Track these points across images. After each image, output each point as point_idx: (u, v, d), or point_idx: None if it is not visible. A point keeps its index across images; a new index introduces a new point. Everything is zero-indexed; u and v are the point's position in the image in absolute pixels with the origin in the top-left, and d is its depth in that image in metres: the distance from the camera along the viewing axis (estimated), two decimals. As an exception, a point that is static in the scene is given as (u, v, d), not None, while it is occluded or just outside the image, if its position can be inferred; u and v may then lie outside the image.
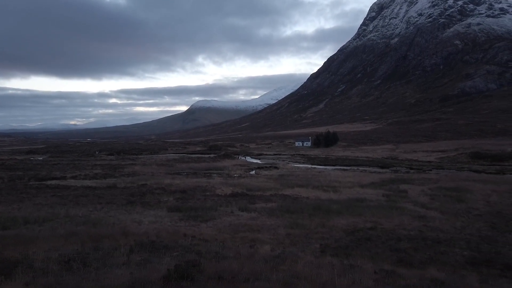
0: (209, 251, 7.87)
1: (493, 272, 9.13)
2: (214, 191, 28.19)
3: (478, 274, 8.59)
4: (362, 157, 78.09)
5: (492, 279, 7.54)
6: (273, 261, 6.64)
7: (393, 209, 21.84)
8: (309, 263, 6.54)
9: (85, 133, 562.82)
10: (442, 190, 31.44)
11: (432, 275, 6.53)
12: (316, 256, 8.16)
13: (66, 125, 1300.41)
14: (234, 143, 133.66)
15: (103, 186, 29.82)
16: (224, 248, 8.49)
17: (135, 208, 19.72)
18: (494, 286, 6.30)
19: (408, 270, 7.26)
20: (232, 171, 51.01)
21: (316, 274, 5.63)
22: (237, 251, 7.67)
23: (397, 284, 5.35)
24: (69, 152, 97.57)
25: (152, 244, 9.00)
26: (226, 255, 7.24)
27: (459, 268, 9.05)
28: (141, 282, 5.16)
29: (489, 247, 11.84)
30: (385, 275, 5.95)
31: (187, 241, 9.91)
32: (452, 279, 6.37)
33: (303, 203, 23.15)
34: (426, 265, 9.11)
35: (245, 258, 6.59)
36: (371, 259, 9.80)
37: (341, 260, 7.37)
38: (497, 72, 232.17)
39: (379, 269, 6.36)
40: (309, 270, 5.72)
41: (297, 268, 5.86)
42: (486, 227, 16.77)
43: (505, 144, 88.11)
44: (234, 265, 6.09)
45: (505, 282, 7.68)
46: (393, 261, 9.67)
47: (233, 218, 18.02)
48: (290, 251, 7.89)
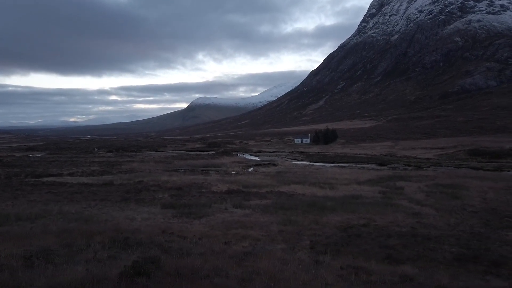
0: (181, 247, 7.84)
1: (480, 268, 9.11)
2: (210, 188, 28.17)
3: (465, 270, 8.58)
4: (360, 154, 78.05)
5: (463, 275, 7.52)
6: (240, 257, 6.62)
7: (388, 206, 21.83)
8: (278, 259, 6.51)
9: (85, 130, 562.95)
10: (438, 187, 31.42)
11: (403, 271, 6.50)
12: (287, 252, 8.13)
13: (66, 122, 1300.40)
14: (233, 140, 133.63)
15: (99, 183, 29.81)
16: (197, 244, 8.46)
17: (129, 205, 19.71)
18: (464, 282, 6.27)
19: (380, 266, 7.24)
20: (230, 168, 50.99)
21: (279, 270, 5.60)
22: (210, 248, 7.65)
23: (361, 280, 5.32)
24: (68, 149, 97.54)
25: (126, 241, 8.98)
26: (196, 252, 7.21)
27: (445, 265, 9.03)
28: (97, 278, 5.14)
29: (479, 243, 11.82)
30: (351, 271, 5.92)
31: (164, 237, 9.87)
32: (422, 275, 6.34)
33: (298, 200, 23.14)
34: (413, 262, 9.09)
35: (212, 254, 6.56)
36: (359, 255, 9.79)
37: (311, 256, 7.32)
38: (497, 69, 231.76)
39: (346, 265, 6.33)
40: (273, 266, 5.69)
41: (261, 264, 5.83)
42: (479, 224, 16.75)
43: (504, 141, 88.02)
44: (198, 261, 6.06)
45: (477, 278, 7.63)
46: (381, 257, 9.65)
47: (227, 215, 18.00)
48: (263, 247, 7.85)
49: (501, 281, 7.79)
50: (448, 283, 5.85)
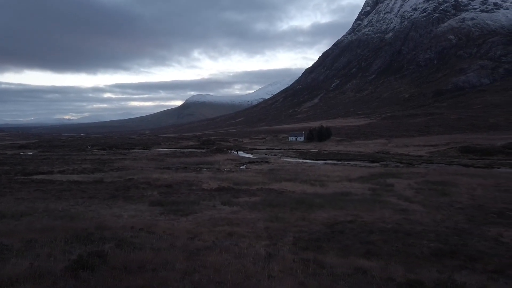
0: (143, 242, 7.85)
1: (456, 263, 9.22)
2: (201, 185, 28.15)
3: (441, 265, 8.67)
4: (354, 152, 78.33)
5: (419, 268, 7.60)
6: (195, 252, 6.64)
7: (376, 203, 21.97)
8: (234, 253, 6.55)
9: (79, 128, 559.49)
10: (428, 184, 31.65)
11: (359, 264, 6.57)
12: (247, 247, 8.15)
13: (60, 119, 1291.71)
14: (228, 138, 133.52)
15: (90, 181, 29.69)
16: (161, 240, 8.47)
17: (117, 203, 19.66)
18: (418, 275, 6.35)
19: (337, 259, 7.31)
20: (223, 165, 50.95)
21: (228, 263, 5.65)
22: (172, 243, 7.67)
23: (307, 272, 5.37)
24: (61, 147, 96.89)
25: (88, 236, 8.99)
26: (156, 247, 7.22)
27: (422, 260, 9.14)
28: (39, 272, 5.14)
29: (458, 239, 11.95)
30: (302, 263, 5.98)
31: (131, 233, 9.87)
32: (377, 268, 6.41)
33: (287, 197, 23.21)
34: (391, 257, 9.18)
35: (170, 249, 6.59)
36: (340, 251, 9.86)
37: (267, 250, 7.36)
38: (491, 67, 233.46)
39: (300, 258, 6.39)
40: (224, 260, 5.74)
41: (211, 258, 5.87)
42: (464, 220, 16.92)
43: (496, 138, 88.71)
44: (149, 256, 6.09)
45: (433, 271, 7.63)
46: (361, 253, 9.74)
47: (214, 212, 18.02)
48: (227, 242, 7.87)
49: (476, 276, 7.87)
50: (401, 275, 5.92)
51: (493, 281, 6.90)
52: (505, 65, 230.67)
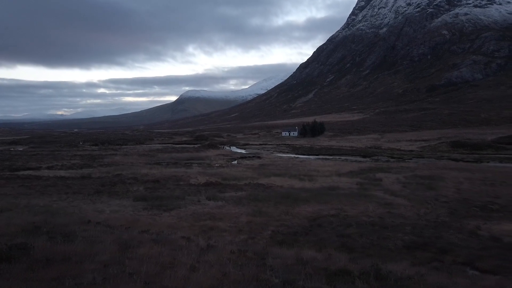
0: (86, 236, 7.78)
1: (427, 255, 9.28)
2: (188, 180, 28.08)
3: (412, 257, 8.73)
4: (346, 147, 78.54)
5: (360, 258, 7.62)
6: (130, 244, 6.61)
7: (362, 197, 22.06)
8: (174, 246, 6.52)
9: (72, 124, 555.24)
10: (416, 178, 31.84)
11: (304, 255, 6.57)
12: (185, 238, 8.09)
13: (53, 115, 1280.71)
14: (221, 133, 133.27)
15: (77, 176, 29.48)
16: (111, 234, 8.40)
17: (101, 198, 19.54)
18: (360, 264, 6.38)
19: (282, 250, 7.31)
20: (214, 161, 50.87)
21: (159, 254, 5.62)
22: (119, 236, 7.63)
23: (239, 263, 5.34)
24: (53, 143, 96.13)
25: (36, 230, 8.92)
26: (100, 240, 7.17)
27: (395, 252, 9.17)
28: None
29: (434, 232, 12.03)
30: (239, 255, 5.97)
31: (83, 227, 9.79)
32: (320, 258, 6.42)
33: (274, 192, 23.22)
34: (366, 250, 9.22)
35: (111, 243, 6.55)
36: (315, 244, 9.87)
37: (208, 242, 7.33)
38: (483, 62, 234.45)
39: (237, 250, 6.38)
40: (157, 253, 5.71)
41: (142, 251, 5.83)
42: (446, 213, 17.03)
43: (487, 133, 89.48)
44: (80, 248, 6.05)
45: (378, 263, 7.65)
46: (335, 246, 9.76)
47: (199, 207, 17.98)
48: (168, 235, 7.84)
49: (446, 267, 7.93)
50: (341, 266, 5.93)
51: (435, 270, 6.93)
52: (497, 60, 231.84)
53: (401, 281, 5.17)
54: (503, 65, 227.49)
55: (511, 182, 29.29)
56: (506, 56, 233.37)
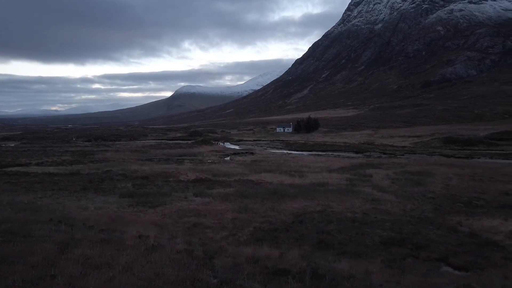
0: (40, 235, 7.70)
1: (403, 251, 9.31)
2: (178, 177, 27.99)
3: (387, 253, 8.74)
4: (339, 143, 78.70)
5: (315, 254, 7.62)
6: (71, 244, 6.53)
7: (350, 193, 22.10)
8: (119, 245, 6.47)
9: (66, 119, 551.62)
10: (406, 174, 31.95)
11: (257, 253, 6.55)
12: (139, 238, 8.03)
13: (47, 111, 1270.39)
14: (216, 129, 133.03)
15: (66, 173, 29.28)
16: (57, 232, 8.29)
17: (87, 194, 19.42)
18: (313, 260, 6.37)
19: (240, 248, 7.28)
20: (206, 157, 50.77)
21: (99, 255, 5.56)
22: (71, 236, 7.57)
23: (178, 263, 5.29)
24: (45, 139, 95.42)
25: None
26: (51, 239, 7.10)
27: (371, 248, 9.18)
28: None
29: (413, 228, 12.08)
30: (185, 254, 5.93)
31: (45, 226, 9.70)
32: (274, 256, 6.40)
33: (262, 188, 23.20)
34: (343, 246, 9.22)
35: (42, 242, 6.46)
36: (295, 241, 9.86)
37: (157, 241, 7.28)
38: (477, 58, 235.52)
39: (184, 249, 6.33)
40: (93, 253, 5.65)
41: (80, 251, 5.77)
42: (431, 209, 17.11)
43: (480, 129, 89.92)
44: (18, 248, 5.96)
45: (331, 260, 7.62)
46: (314, 242, 9.76)
47: (185, 204, 17.92)
48: (121, 235, 7.79)
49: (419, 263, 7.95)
50: (294, 263, 5.91)
51: (389, 268, 6.93)
52: (491, 57, 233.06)
53: (337, 280, 5.17)
54: (497, 61, 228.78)
55: (499, 178, 29.47)
56: (500, 52, 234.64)
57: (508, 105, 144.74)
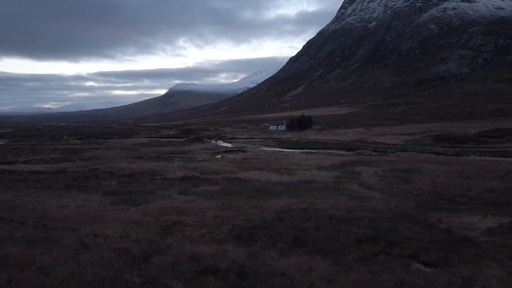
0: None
1: (376, 248, 9.29)
2: (166, 175, 27.82)
3: (360, 250, 8.70)
4: (332, 140, 78.87)
5: (263, 252, 7.54)
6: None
7: (336, 190, 22.08)
8: (51, 244, 6.35)
9: (59, 117, 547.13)
10: (394, 171, 32.02)
11: (202, 252, 6.46)
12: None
13: (40, 108, 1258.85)
14: (209, 127, 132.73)
15: (52, 171, 28.98)
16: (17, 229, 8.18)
17: (70, 193, 19.21)
18: (257, 259, 6.30)
19: (182, 248, 7.19)
20: (198, 155, 50.58)
21: (23, 254, 5.42)
22: (12, 234, 7.44)
23: (103, 263, 5.18)
24: (36, 137, 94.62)
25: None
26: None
27: (345, 246, 9.13)
28: None
29: (390, 225, 12.06)
30: (118, 253, 5.83)
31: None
32: (216, 255, 6.32)
33: (249, 186, 23.11)
34: (318, 243, 9.17)
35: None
36: (271, 238, 9.79)
37: (87, 240, 7.14)
38: (470, 56, 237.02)
39: (117, 248, 6.23)
40: (19, 253, 5.51)
41: (8, 250, 5.64)
42: (414, 206, 17.14)
43: (471, 126, 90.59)
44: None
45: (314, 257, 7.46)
46: (290, 240, 9.71)
47: (168, 201, 17.78)
48: (61, 233, 7.66)
49: (391, 260, 7.91)
50: (234, 261, 5.81)
51: (336, 265, 6.86)
52: (484, 55, 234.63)
53: (264, 278, 5.09)
54: (489, 60, 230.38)
55: (486, 175, 29.65)
56: (492, 51, 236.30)
57: (500, 103, 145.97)
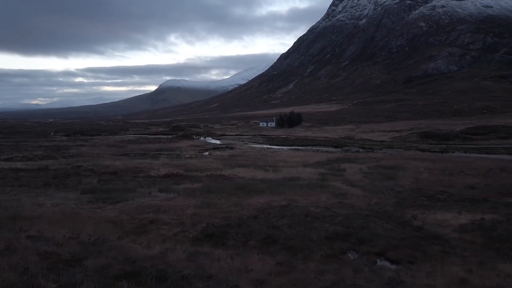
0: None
1: (345, 245, 9.29)
2: (149, 172, 27.55)
3: (329, 247, 8.68)
4: (320, 137, 79.14)
5: (205, 252, 7.46)
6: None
7: (319, 187, 22.10)
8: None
9: (47, 114, 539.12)
10: (379, 168, 32.23)
11: (137, 254, 6.38)
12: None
13: (28, 105, 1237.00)
14: (199, 124, 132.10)
15: (33, 168, 28.48)
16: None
17: (48, 191, 18.89)
18: (195, 261, 6.26)
19: (131, 247, 7.12)
20: (185, 152, 50.30)
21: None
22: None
23: (23, 266, 5.07)
24: (22, 133, 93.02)
25: None
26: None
27: (315, 243, 9.10)
28: None
29: (363, 222, 12.09)
30: (44, 257, 5.72)
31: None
32: (156, 257, 6.25)
33: (232, 183, 23.00)
34: (288, 241, 9.13)
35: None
36: (244, 236, 9.71)
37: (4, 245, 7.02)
38: (459, 54, 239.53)
39: (43, 251, 6.12)
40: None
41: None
42: (394, 203, 17.22)
43: (458, 123, 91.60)
44: None
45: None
46: (261, 238, 9.65)
47: (147, 199, 17.59)
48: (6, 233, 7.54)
49: (358, 257, 7.90)
50: (181, 257, 5.74)
51: (279, 266, 6.82)
52: (472, 53, 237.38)
53: (186, 282, 5.01)
54: (477, 57, 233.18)
55: (468, 171, 30.00)
56: (480, 49, 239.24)
57: (487, 100, 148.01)
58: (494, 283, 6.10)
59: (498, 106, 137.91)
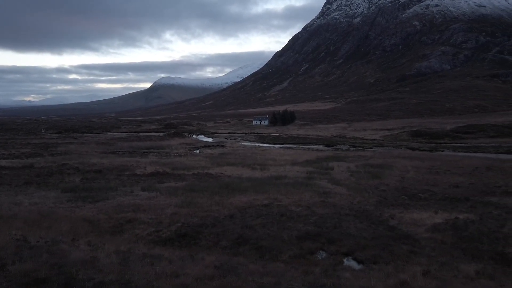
0: None
1: (314, 245, 9.27)
2: (135, 170, 27.37)
3: (298, 247, 8.61)
4: (312, 136, 79.20)
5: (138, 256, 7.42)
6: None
7: (304, 186, 22.07)
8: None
9: (40, 111, 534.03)
10: (366, 167, 32.29)
11: (94, 255, 6.32)
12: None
13: (20, 101, 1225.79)
14: (192, 122, 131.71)
15: (18, 166, 28.18)
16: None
17: (28, 189, 18.67)
18: (127, 265, 6.20)
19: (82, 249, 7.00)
20: (175, 150, 50.07)
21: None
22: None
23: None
24: (13, 130, 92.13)
25: None
26: None
27: (285, 243, 9.06)
28: None
29: (336, 221, 12.08)
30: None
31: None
32: (88, 261, 6.18)
33: (217, 182, 22.91)
34: (259, 241, 9.08)
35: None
36: (216, 236, 9.64)
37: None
38: (452, 53, 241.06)
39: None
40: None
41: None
42: (375, 202, 17.24)
43: (449, 122, 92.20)
44: None
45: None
46: (233, 238, 9.59)
47: (128, 198, 17.44)
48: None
49: (326, 257, 7.86)
50: (114, 261, 5.67)
51: (217, 270, 6.75)
52: (465, 52, 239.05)
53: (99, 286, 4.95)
54: (470, 56, 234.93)
55: (455, 170, 30.15)
56: (473, 48, 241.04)
57: (479, 99, 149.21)
58: (434, 285, 6.04)
59: (490, 105, 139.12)
